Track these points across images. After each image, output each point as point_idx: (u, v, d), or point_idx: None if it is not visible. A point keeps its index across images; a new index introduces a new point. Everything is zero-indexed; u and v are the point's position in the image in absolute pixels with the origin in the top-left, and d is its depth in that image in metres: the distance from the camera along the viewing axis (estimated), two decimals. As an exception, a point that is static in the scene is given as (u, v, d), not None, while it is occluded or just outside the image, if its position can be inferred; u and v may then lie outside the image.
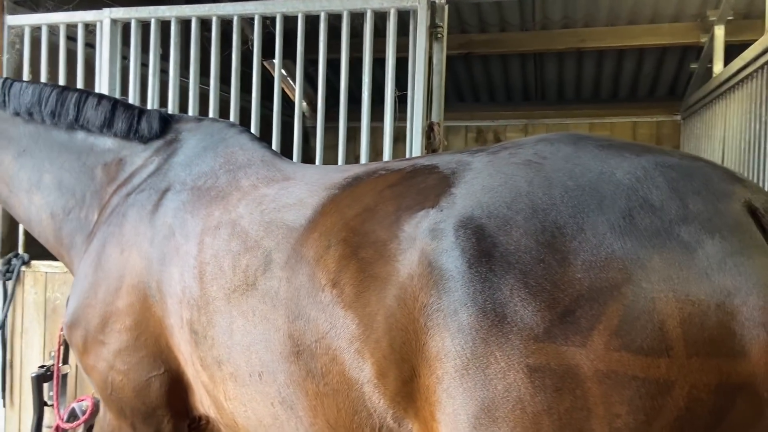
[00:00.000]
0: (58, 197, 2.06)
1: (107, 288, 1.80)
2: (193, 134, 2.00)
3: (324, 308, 1.35)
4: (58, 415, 2.64)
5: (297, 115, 2.69)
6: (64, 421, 2.64)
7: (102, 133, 2.06)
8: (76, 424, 2.63)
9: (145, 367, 1.75)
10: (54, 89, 2.10)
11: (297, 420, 1.43)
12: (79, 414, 2.63)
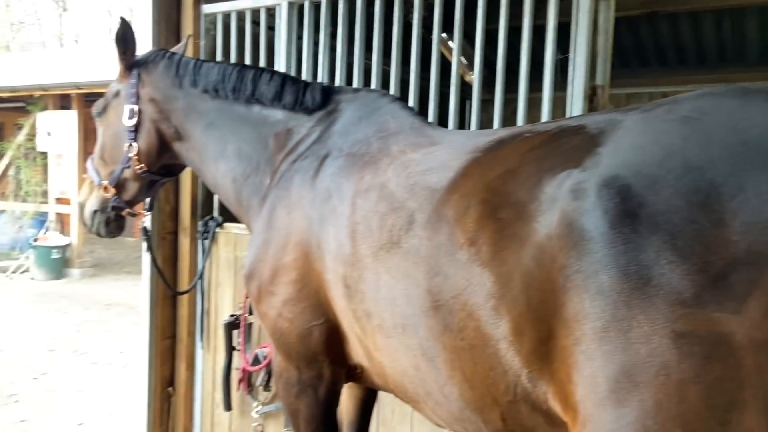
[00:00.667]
0: (238, 164, 2.30)
1: (276, 245, 1.99)
2: (350, 104, 2.13)
3: (461, 266, 1.39)
4: (244, 359, 3.01)
5: (453, 84, 2.71)
6: (249, 364, 2.99)
7: (273, 105, 2.26)
8: (259, 367, 2.97)
9: (308, 316, 1.92)
10: (235, 68, 2.34)
11: (436, 372, 1.49)
12: (261, 359, 2.97)
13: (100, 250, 13.52)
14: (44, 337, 7.16)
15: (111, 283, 10.69)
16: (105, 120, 2.51)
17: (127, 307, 8.90)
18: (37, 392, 5.37)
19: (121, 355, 6.54)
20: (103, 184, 2.47)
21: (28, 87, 10.95)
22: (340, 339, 1.91)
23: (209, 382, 3.32)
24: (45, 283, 10.49)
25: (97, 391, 5.47)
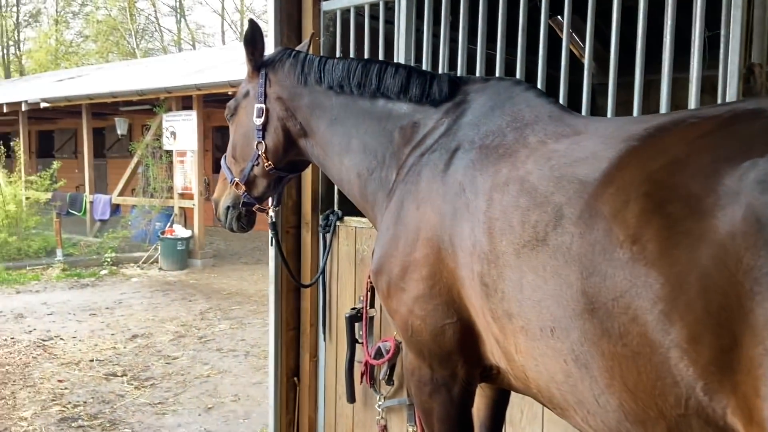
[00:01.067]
0: (362, 159, 2.29)
1: (406, 240, 1.96)
2: (479, 94, 2.05)
3: (622, 265, 1.28)
4: (367, 352, 3.02)
5: (587, 69, 2.55)
6: (372, 357, 3.01)
7: (399, 99, 2.22)
8: (381, 361, 2.98)
9: (440, 314, 1.87)
10: (359, 63, 2.33)
11: (591, 380, 1.39)
12: (384, 353, 2.97)
13: (219, 242, 14.30)
14: (173, 324, 7.66)
15: (229, 273, 11.28)
16: (236, 120, 2.59)
17: (245, 296, 9.34)
18: (170, 376, 5.75)
19: (243, 343, 6.86)
20: (235, 181, 2.56)
21: (154, 90, 11.75)
22: (475, 339, 1.85)
23: (332, 374, 3.38)
24: (171, 272, 11.25)
25: (223, 377, 5.77)
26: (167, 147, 12.15)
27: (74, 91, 13.99)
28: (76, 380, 5.57)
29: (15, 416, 4.75)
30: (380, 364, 3.00)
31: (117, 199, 13.42)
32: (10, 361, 6.06)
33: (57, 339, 6.88)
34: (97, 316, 7.98)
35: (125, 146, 14.64)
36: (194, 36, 40.56)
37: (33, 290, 9.68)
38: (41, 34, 41.38)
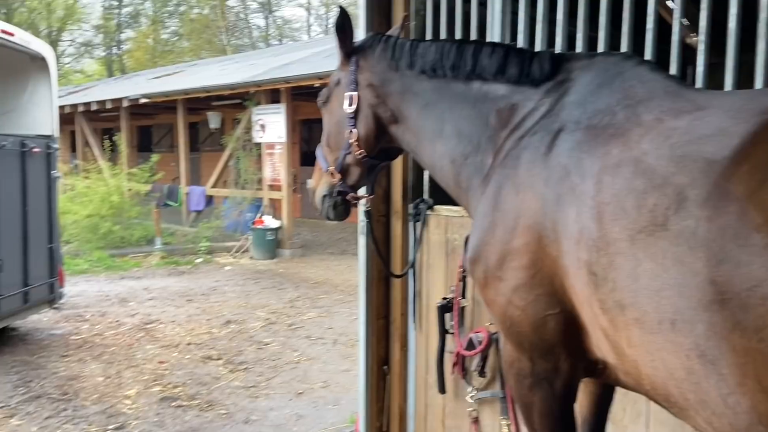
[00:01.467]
0: (456, 144, 2.22)
1: (504, 227, 1.87)
2: (585, 72, 1.92)
3: (759, 252, 1.14)
4: (458, 342, 2.96)
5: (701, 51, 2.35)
6: (464, 348, 2.94)
7: (495, 80, 2.13)
8: (474, 352, 2.91)
9: (541, 305, 1.78)
10: (453, 44, 2.25)
11: (718, 378, 1.26)
12: (476, 344, 2.90)
13: (306, 232, 14.62)
14: (264, 311, 7.90)
15: (316, 263, 11.51)
16: (328, 109, 2.59)
17: (332, 286, 9.49)
18: (262, 361, 5.93)
19: (331, 331, 6.97)
20: (330, 169, 2.56)
21: (244, 84, 12.14)
22: (580, 331, 1.74)
23: (422, 364, 3.34)
24: (261, 261, 11.62)
25: (312, 364, 5.88)
26: (257, 140, 12.53)
27: (170, 87, 14.70)
28: (175, 362, 5.85)
29: (120, 394, 5.04)
30: (472, 356, 2.93)
31: (210, 191, 14.01)
32: (116, 342, 6.46)
33: (157, 323, 7.26)
34: (194, 302, 8.36)
35: (218, 140, 15.25)
36: (281, 31, 41.66)
37: (135, 276, 10.28)
38: (140, 34, 43.87)
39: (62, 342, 6.45)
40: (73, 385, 5.21)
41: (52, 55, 6.68)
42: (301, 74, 11.07)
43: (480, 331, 2.94)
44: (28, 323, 6.99)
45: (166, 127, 20.27)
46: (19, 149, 5.96)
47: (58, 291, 6.71)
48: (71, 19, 41.22)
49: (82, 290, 8.95)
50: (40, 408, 4.73)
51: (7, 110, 6.57)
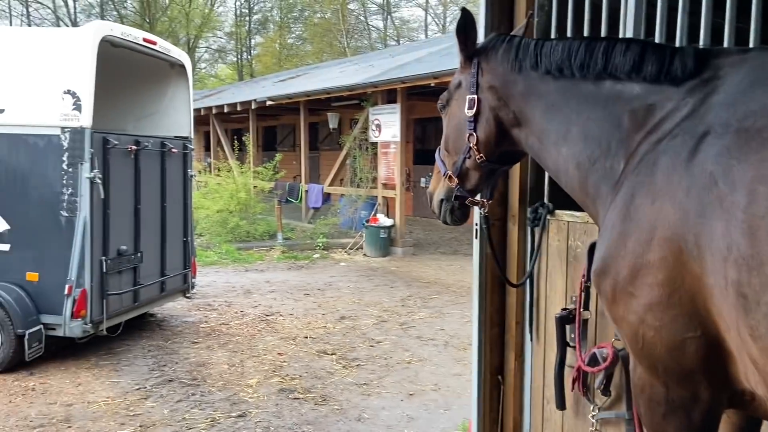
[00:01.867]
0: (583, 148, 2.08)
1: (637, 239, 1.73)
2: (736, 69, 1.72)
3: None
4: (580, 357, 2.80)
5: None
6: (585, 363, 2.77)
7: (629, 78, 1.97)
8: (597, 369, 2.73)
9: (679, 326, 1.62)
10: (582, 42, 2.12)
11: None
12: (600, 360, 2.72)
13: (418, 231, 14.68)
14: (376, 308, 8.01)
15: (428, 262, 11.50)
16: (448, 112, 2.54)
17: (444, 286, 9.44)
18: (374, 359, 6.00)
19: (442, 333, 6.92)
20: (448, 174, 2.51)
21: (362, 85, 12.39)
22: (725, 358, 1.57)
23: (539, 376, 3.20)
24: (374, 259, 11.81)
25: (423, 365, 5.86)
26: (372, 139, 12.75)
27: (293, 90, 15.34)
28: (293, 354, 6.07)
29: (242, 383, 5.31)
30: (595, 372, 2.75)
31: (328, 189, 14.45)
32: (240, 332, 6.82)
33: (277, 315, 7.59)
34: (310, 296, 8.65)
35: (336, 139, 15.70)
36: (399, 31, 42.14)
37: (258, 269, 10.82)
38: (267, 39, 46.25)
39: (193, 329, 6.92)
40: (202, 371, 5.56)
41: (189, 62, 7.17)
42: (416, 74, 11.10)
43: (604, 346, 2.76)
44: (164, 310, 7.57)
45: (289, 128, 21.19)
46: (159, 149, 6.46)
47: (190, 281, 7.21)
48: (207, 27, 44.30)
49: (211, 281, 9.56)
50: (171, 392, 5.09)
51: (149, 113, 7.15)
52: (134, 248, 6.09)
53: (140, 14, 41.32)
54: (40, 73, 5.44)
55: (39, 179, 5.46)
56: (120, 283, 5.90)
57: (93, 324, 5.53)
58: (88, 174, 5.36)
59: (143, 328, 6.88)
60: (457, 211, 2.58)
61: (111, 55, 5.91)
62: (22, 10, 43.48)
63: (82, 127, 5.33)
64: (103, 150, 5.55)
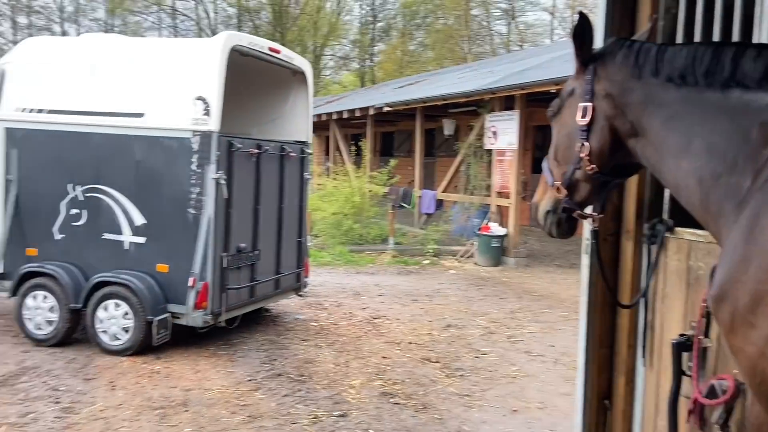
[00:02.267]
0: (706, 162, 1.92)
1: (759, 264, 1.58)
2: None
3: None
4: (697, 388, 2.57)
5: None
6: (703, 395, 2.54)
7: (760, 88, 1.79)
8: (715, 402, 2.49)
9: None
10: (708, 47, 1.95)
11: None
12: (719, 393, 2.48)
13: (533, 241, 14.25)
14: (484, 319, 7.87)
15: (541, 275, 11.14)
16: (559, 120, 2.45)
17: (557, 300, 9.09)
18: (478, 371, 5.89)
19: (552, 349, 6.66)
20: (556, 184, 2.41)
21: (479, 91, 12.26)
22: None
23: (651, 404, 2.98)
24: (485, 268, 11.62)
25: (529, 381, 5.67)
26: (488, 146, 12.57)
27: (411, 96, 15.50)
28: (397, 359, 6.12)
29: (346, 383, 5.42)
30: (713, 405, 2.52)
31: (441, 195, 14.43)
32: (347, 333, 6.98)
33: (384, 318, 7.68)
34: (418, 302, 8.68)
35: (451, 146, 15.65)
36: (523, 36, 41.29)
37: (369, 272, 11.03)
38: (390, 46, 47.17)
39: (304, 327, 7.18)
40: (309, 368, 5.75)
41: (310, 70, 7.47)
42: (536, 80, 10.80)
43: (725, 377, 2.51)
44: (278, 307, 7.93)
45: (405, 134, 21.43)
46: (279, 153, 6.78)
47: (303, 280, 7.49)
48: (333, 36, 46.01)
49: (323, 281, 9.88)
50: (279, 386, 5.31)
51: (271, 119, 7.53)
52: (252, 246, 6.42)
53: (273, 24, 43.73)
54: (175, 80, 5.90)
55: (171, 178, 5.93)
56: (238, 278, 6.25)
57: (213, 315, 5.90)
58: (214, 175, 5.74)
59: (258, 322, 7.24)
60: (564, 223, 2.47)
61: (239, 63, 6.29)
62: (170, 22, 47.59)
63: (211, 131, 5.71)
64: (228, 152, 5.92)
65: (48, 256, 6.30)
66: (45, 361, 5.69)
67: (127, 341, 5.86)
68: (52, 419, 4.48)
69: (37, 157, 6.42)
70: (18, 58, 6.71)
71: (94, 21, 47.69)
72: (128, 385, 5.18)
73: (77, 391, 5.00)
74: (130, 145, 6.05)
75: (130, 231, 6.06)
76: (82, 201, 6.22)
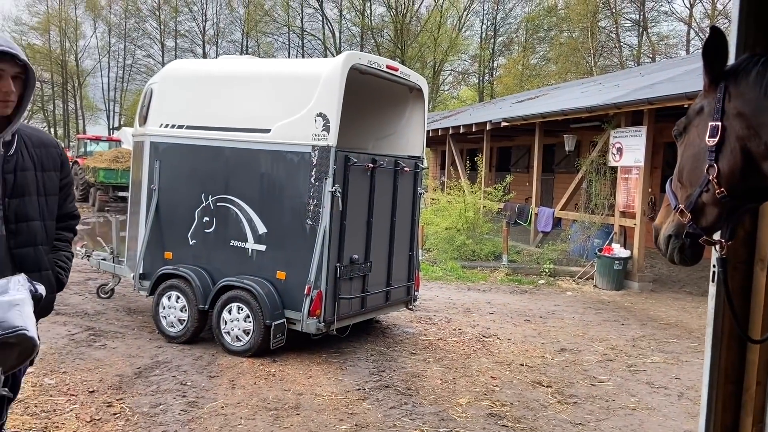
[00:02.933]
0: None
1: None
2: None
3: None
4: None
5: None
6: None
7: None
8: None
9: None
10: None
11: None
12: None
13: (661, 265, 13.36)
14: (602, 345, 7.48)
15: (669, 302, 10.40)
16: (685, 139, 2.31)
17: (685, 330, 8.45)
18: (594, 399, 5.61)
19: (677, 382, 6.20)
20: (679, 208, 2.27)
21: (603, 106, 11.75)
22: None
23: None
24: (605, 291, 11.05)
25: (650, 414, 5.31)
26: (612, 163, 12.00)
27: (529, 111, 15.17)
28: (506, 380, 5.98)
29: (453, 400, 5.38)
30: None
31: (559, 213, 13.95)
32: (456, 350, 6.93)
33: (494, 337, 7.54)
34: (531, 323, 8.43)
35: (572, 162, 15.12)
36: (655, 48, 39.12)
37: (480, 289, 10.88)
38: (510, 60, 46.57)
39: (412, 340, 7.22)
40: (416, 382, 5.77)
41: (426, 86, 7.56)
42: (666, 95, 10.17)
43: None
44: (388, 319, 8.04)
45: (523, 149, 21.00)
46: (393, 168, 6.91)
47: (413, 294, 7.54)
48: (453, 51, 46.25)
49: (434, 295, 9.88)
50: (386, 397, 5.37)
51: (387, 134, 7.70)
52: (365, 258, 6.58)
53: (394, 42, 44.76)
54: (298, 97, 6.22)
55: (292, 190, 6.24)
56: (350, 288, 6.42)
57: (325, 323, 6.10)
58: (330, 188, 5.96)
59: (368, 333, 7.38)
60: (688, 249, 2.31)
61: (358, 81, 6.51)
62: (299, 42, 50.18)
63: (329, 146, 5.95)
64: (344, 167, 6.13)
65: (181, 259, 6.85)
66: (175, 356, 6.17)
67: (247, 343, 6.21)
68: (179, 412, 4.84)
69: (176, 168, 7.02)
70: (162, 79, 7.39)
71: (231, 42, 51.50)
72: (246, 384, 5.48)
73: (201, 387, 5.37)
74: (257, 159, 6.45)
75: (254, 239, 6.43)
76: (213, 210, 6.70)
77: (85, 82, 54.36)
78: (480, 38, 48.33)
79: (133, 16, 52.54)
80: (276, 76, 6.75)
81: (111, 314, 7.82)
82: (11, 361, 1.54)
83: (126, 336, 6.86)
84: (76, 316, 7.57)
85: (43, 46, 51.15)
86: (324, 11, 48.05)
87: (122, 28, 53.01)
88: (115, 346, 6.45)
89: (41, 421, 4.53)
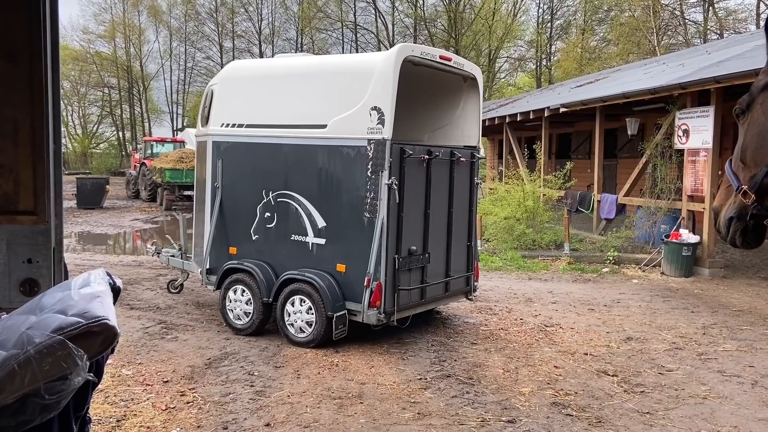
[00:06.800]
0: None
1: None
2: None
3: None
4: None
5: None
6: None
7: None
8: None
9: None
10: None
11: None
12: None
13: (732, 251, 12.78)
14: (670, 333, 7.26)
15: (742, 288, 9.96)
16: (748, 118, 2.23)
17: (760, 316, 8.09)
18: (662, 388, 5.46)
19: (751, 370, 5.96)
20: (742, 189, 2.20)
21: (667, 87, 11.31)
22: None
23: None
24: (674, 278, 10.69)
25: (722, 403, 5.13)
26: (678, 146, 11.56)
27: (589, 95, 14.76)
28: (570, 369, 5.89)
29: (515, 390, 5.35)
30: None
31: (623, 199, 13.55)
32: (518, 339, 6.87)
33: (557, 327, 7.43)
34: (595, 312, 8.26)
35: (635, 146, 14.65)
36: (722, 23, 37.23)
37: (541, 278, 10.72)
38: (569, 44, 45.31)
39: (473, 331, 7.21)
40: (477, 372, 5.77)
41: (480, 75, 7.49)
42: (734, 72, 9.70)
43: None
44: (448, 309, 8.04)
45: (584, 135, 20.46)
46: (449, 159, 6.90)
47: (472, 284, 7.52)
48: (508, 38, 45.41)
49: (494, 285, 9.81)
50: (448, 386, 5.40)
51: (442, 125, 7.68)
52: (423, 249, 6.61)
53: (447, 31, 44.36)
54: (353, 92, 6.29)
55: (349, 184, 6.33)
56: (409, 279, 6.47)
57: (385, 314, 6.18)
58: (387, 180, 6.01)
59: (429, 323, 7.42)
60: (751, 232, 2.24)
61: (411, 72, 6.52)
62: (352, 36, 50.46)
63: (384, 139, 6.00)
64: (400, 159, 6.16)
65: (245, 254, 7.07)
66: (242, 348, 6.39)
67: (310, 334, 6.36)
68: (248, 400, 5.02)
69: (237, 166, 7.24)
70: (222, 80, 7.62)
71: (287, 41, 52.33)
72: (311, 374, 5.62)
73: (268, 377, 5.55)
74: (315, 154, 6.57)
75: (313, 233, 6.57)
76: (274, 205, 6.88)
77: (150, 85, 56.50)
78: (536, 23, 47.23)
79: (192, 19, 54.13)
80: (330, 71, 6.85)
81: (181, 308, 8.17)
82: (95, 348, 1.67)
83: (196, 329, 7.15)
84: (149, 311, 7.95)
85: (110, 53, 53.42)
86: (376, 4, 48.09)
87: (183, 32, 54.72)
88: (186, 339, 6.74)
89: (120, 409, 4.80)
